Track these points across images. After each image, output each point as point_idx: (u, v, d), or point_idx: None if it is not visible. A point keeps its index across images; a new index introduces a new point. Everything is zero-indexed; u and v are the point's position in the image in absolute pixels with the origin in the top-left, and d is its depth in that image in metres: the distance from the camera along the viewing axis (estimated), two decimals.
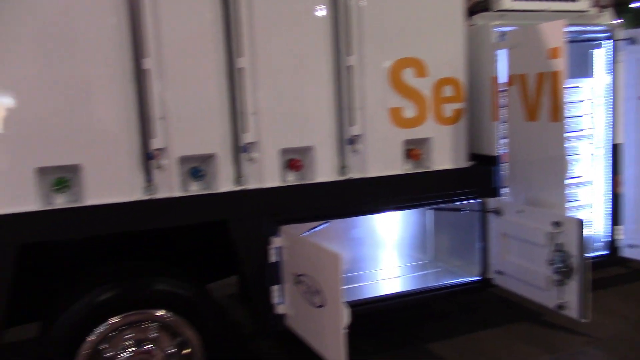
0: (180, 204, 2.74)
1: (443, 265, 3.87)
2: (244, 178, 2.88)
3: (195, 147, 2.76)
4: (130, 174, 2.65)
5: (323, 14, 2.94)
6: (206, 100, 2.75)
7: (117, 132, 2.61)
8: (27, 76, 2.45)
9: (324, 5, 2.94)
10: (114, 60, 2.57)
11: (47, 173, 2.54)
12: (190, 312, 2.82)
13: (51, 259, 2.99)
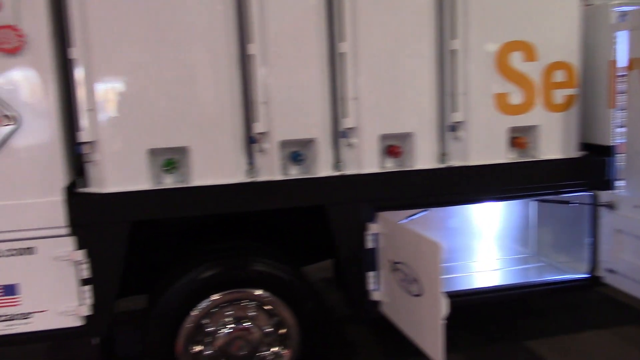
0: (280, 187, 2.79)
1: (546, 260, 3.68)
2: (343, 163, 2.88)
3: (296, 131, 2.79)
4: (233, 157, 2.73)
5: None
6: (308, 85, 2.77)
7: (222, 116, 2.69)
8: (140, 63, 2.58)
9: None
10: (221, 47, 2.64)
11: (157, 154, 2.67)
12: (287, 294, 2.88)
13: (159, 236, 3.16)
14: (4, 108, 2.44)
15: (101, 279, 2.64)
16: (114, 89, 2.55)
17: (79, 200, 2.59)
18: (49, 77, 2.49)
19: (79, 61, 2.50)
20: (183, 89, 2.64)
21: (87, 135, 2.54)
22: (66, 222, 2.56)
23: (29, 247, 2.57)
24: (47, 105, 2.50)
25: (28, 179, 2.53)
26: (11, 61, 2.44)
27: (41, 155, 2.53)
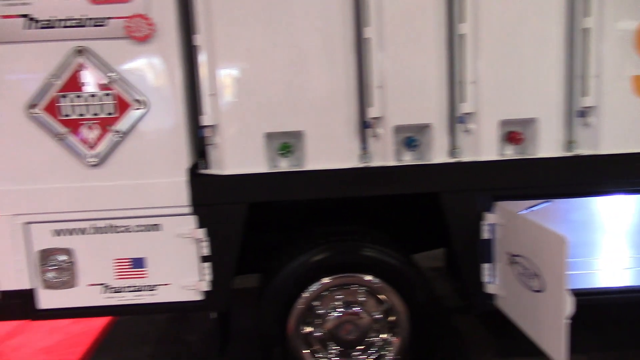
0: (393, 173, 2.74)
1: None
2: (459, 150, 2.77)
3: (411, 116, 2.72)
4: (347, 142, 2.72)
5: None
6: (424, 68, 2.68)
7: (337, 100, 2.68)
8: (258, 49, 2.63)
9: None
10: (336, 31, 2.63)
11: (274, 138, 2.72)
12: (398, 281, 2.84)
13: (272, 218, 3.24)
14: (135, 93, 2.60)
15: (220, 257, 2.76)
16: (234, 74, 2.63)
17: (201, 181, 2.71)
18: (175, 64, 2.61)
19: (203, 48, 2.60)
20: (299, 73, 2.66)
21: (209, 119, 2.65)
22: (189, 202, 2.70)
23: (155, 224, 2.74)
24: (173, 91, 2.64)
25: (155, 160, 2.69)
26: (141, 49, 2.59)
27: (167, 137, 2.68)
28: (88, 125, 2.62)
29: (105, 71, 2.58)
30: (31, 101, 2.59)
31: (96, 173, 2.67)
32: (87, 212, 2.70)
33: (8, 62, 2.58)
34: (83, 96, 2.60)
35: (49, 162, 2.66)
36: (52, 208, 2.69)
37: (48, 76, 2.57)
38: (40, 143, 2.63)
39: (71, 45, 2.55)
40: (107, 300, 2.79)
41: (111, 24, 2.53)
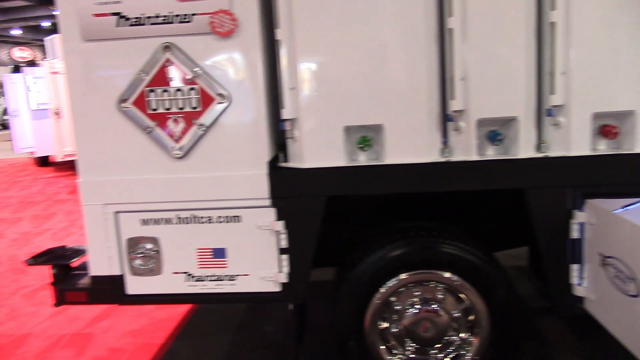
0: (476, 168, 2.65)
1: None
2: (547, 144, 2.64)
3: (496, 109, 2.62)
4: (428, 136, 2.65)
5: None
6: (511, 59, 2.57)
7: (417, 93, 2.62)
8: (338, 42, 2.62)
9: None
10: (419, 22, 2.57)
11: (352, 132, 2.70)
12: (479, 279, 2.76)
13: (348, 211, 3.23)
14: (218, 87, 2.67)
15: (298, 249, 2.78)
16: (314, 68, 2.63)
17: (280, 174, 2.75)
18: (256, 58, 2.65)
19: (284, 42, 2.62)
20: (379, 66, 2.63)
21: (289, 113, 2.67)
22: (268, 194, 2.74)
23: (236, 216, 2.80)
24: (254, 85, 2.68)
25: (236, 153, 2.74)
26: (224, 44, 2.65)
27: (248, 131, 2.72)
28: (174, 118, 2.71)
29: (190, 66, 2.66)
30: (122, 96, 2.71)
31: (181, 165, 2.76)
32: (172, 202, 2.80)
33: (100, 58, 2.72)
34: (169, 91, 2.69)
35: (137, 155, 2.78)
36: (139, 198, 2.81)
37: (138, 72, 2.68)
38: (130, 136, 2.75)
39: (159, 42, 2.65)
40: (190, 289, 2.89)
41: (196, 20, 2.60)
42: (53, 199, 9.29)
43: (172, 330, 3.97)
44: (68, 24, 2.69)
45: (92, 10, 2.64)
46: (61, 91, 9.74)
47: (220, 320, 4.04)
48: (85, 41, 2.69)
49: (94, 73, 2.75)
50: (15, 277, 5.46)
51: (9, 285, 5.23)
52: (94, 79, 2.75)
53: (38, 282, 5.18)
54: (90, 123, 2.78)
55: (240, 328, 3.93)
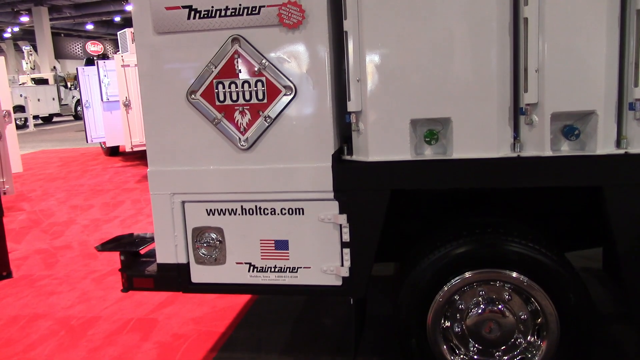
0: (550, 164, 2.53)
1: None
2: (627, 140, 2.49)
3: (572, 103, 2.49)
4: (498, 130, 2.56)
5: None
6: (590, 50, 2.43)
7: (488, 85, 2.53)
8: (406, 33, 2.56)
9: None
10: (491, 11, 2.48)
11: (418, 125, 2.64)
12: (548, 281, 2.64)
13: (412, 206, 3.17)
14: (284, 79, 2.67)
15: (360, 243, 2.75)
16: (381, 60, 2.58)
17: (345, 167, 2.72)
18: (323, 50, 2.63)
19: (351, 33, 2.58)
20: (447, 58, 2.55)
21: (355, 105, 2.64)
22: (332, 187, 2.72)
23: (299, 208, 2.80)
24: (321, 77, 2.66)
25: (301, 145, 2.74)
26: (291, 36, 2.65)
27: (314, 123, 2.71)
28: (240, 110, 2.73)
29: (257, 58, 2.67)
30: (191, 88, 2.76)
31: (246, 156, 2.79)
32: (237, 193, 2.84)
33: (171, 51, 2.78)
34: (237, 83, 2.72)
35: (205, 145, 2.82)
36: (206, 189, 2.86)
37: (207, 64, 2.72)
38: (198, 127, 2.80)
39: (227, 34, 2.68)
40: (252, 279, 2.92)
41: (264, 12, 2.61)
42: (121, 187, 9.67)
43: (232, 320, 4.04)
44: (141, 17, 2.77)
45: (164, 4, 2.69)
46: (131, 84, 10.10)
47: (279, 311, 4.08)
48: (157, 34, 2.76)
49: (164, 65, 2.81)
50: (85, 262, 5.72)
51: (80, 270, 5.47)
52: (164, 71, 2.81)
53: (106, 268, 5.40)
54: (159, 114, 2.85)
55: (299, 320, 3.95)
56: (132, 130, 10.39)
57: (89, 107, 12.56)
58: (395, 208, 2.79)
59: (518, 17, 2.47)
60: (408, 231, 3.21)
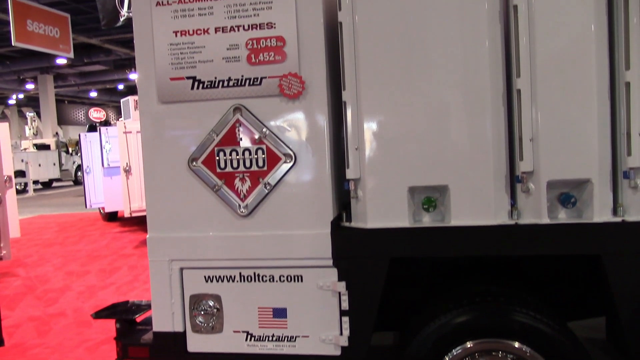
0: (547, 232, 2.54)
1: None
2: (624, 208, 2.52)
3: (567, 171, 2.53)
4: (496, 197, 2.59)
5: None
6: (582, 119, 2.50)
7: (484, 153, 2.58)
8: (402, 103, 2.64)
9: None
10: (485, 83, 2.56)
11: (417, 192, 2.67)
12: (552, 351, 2.58)
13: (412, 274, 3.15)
14: (284, 147, 2.72)
15: (359, 311, 2.71)
16: (379, 128, 2.65)
17: (343, 234, 2.73)
18: (323, 119, 2.71)
19: (349, 103, 2.66)
20: (444, 126, 2.62)
21: (353, 173, 2.68)
22: (331, 254, 2.72)
23: (298, 275, 2.78)
24: (320, 145, 2.72)
25: (300, 212, 2.76)
26: (291, 105, 2.73)
27: (313, 190, 2.74)
28: (241, 177, 2.77)
29: (258, 127, 2.74)
30: (192, 155, 2.81)
31: (246, 223, 2.80)
32: (235, 260, 2.83)
33: (174, 119, 2.85)
34: (238, 150, 2.77)
35: (204, 212, 2.84)
36: (204, 255, 2.86)
37: (209, 132, 2.78)
38: (198, 194, 2.83)
39: (229, 104, 2.76)
40: (250, 348, 2.86)
41: (265, 83, 2.70)
42: (119, 253, 9.59)
43: None
44: (146, 87, 2.86)
45: (169, 75, 2.79)
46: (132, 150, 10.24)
47: None
48: (161, 103, 2.84)
49: (167, 133, 2.87)
50: (79, 330, 5.59)
51: (73, 338, 5.34)
52: (167, 139, 2.87)
53: (100, 336, 5.28)
54: (160, 181, 2.89)
55: None
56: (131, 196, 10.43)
57: (89, 173, 12.66)
58: (394, 275, 2.77)
59: (511, 88, 2.56)
60: (408, 299, 3.17)
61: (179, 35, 2.78)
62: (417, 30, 2.60)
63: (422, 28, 2.59)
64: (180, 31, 2.78)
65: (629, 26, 2.44)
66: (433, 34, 2.59)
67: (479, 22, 2.55)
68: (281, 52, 2.68)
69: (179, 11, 2.77)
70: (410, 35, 2.60)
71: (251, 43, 2.70)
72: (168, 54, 2.79)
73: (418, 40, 2.60)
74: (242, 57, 2.72)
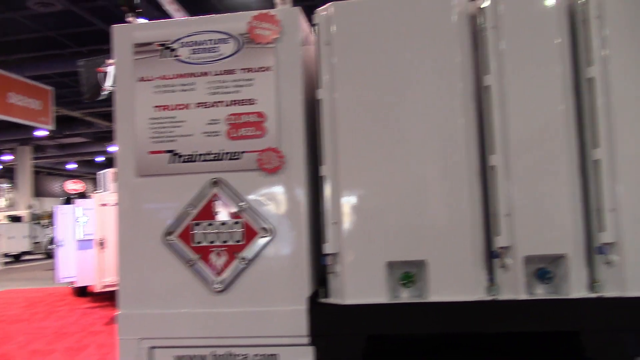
0: (525, 308, 2.52)
1: None
2: (600, 284, 2.53)
3: (543, 246, 2.55)
4: (473, 273, 2.58)
5: None
6: (556, 195, 2.55)
7: (461, 229, 2.60)
8: (380, 179, 2.66)
9: None
10: (460, 159, 2.62)
11: (395, 267, 2.65)
12: None
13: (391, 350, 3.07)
14: (262, 221, 2.71)
15: None
16: (357, 203, 2.66)
17: (320, 310, 2.67)
18: (301, 194, 2.71)
19: (328, 178, 2.69)
20: (421, 202, 2.64)
21: (331, 247, 2.66)
22: (307, 332, 2.64)
23: (273, 354, 2.68)
24: (297, 219, 2.71)
25: (276, 288, 2.70)
26: (270, 179, 2.74)
27: (290, 265, 2.70)
28: (217, 252, 2.73)
29: (236, 201, 2.73)
30: (168, 229, 2.77)
31: (220, 299, 2.73)
32: (209, 338, 2.73)
33: (152, 192, 2.83)
34: (214, 224, 2.74)
35: (178, 287, 2.76)
36: (176, 333, 2.75)
37: (185, 205, 2.76)
38: (172, 269, 2.76)
39: (208, 177, 2.76)
40: None
41: (244, 157, 2.72)
42: (88, 330, 9.20)
43: None
44: (124, 160, 2.85)
45: (148, 148, 2.80)
46: (108, 223, 10.08)
47: None
48: (139, 176, 2.82)
49: (143, 206, 2.84)
50: None
51: None
52: (143, 212, 2.84)
53: None
54: (134, 254, 2.82)
55: None
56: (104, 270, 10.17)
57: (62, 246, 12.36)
58: (373, 352, 2.69)
59: (486, 165, 2.61)
60: None
61: (160, 109, 2.81)
62: (395, 108, 2.67)
63: (400, 106, 2.67)
64: (161, 106, 2.82)
65: (595, 107, 2.55)
66: (411, 111, 2.66)
67: (454, 101, 2.64)
68: (261, 127, 2.73)
69: (161, 87, 2.82)
70: (388, 113, 2.67)
71: (232, 118, 2.75)
72: (148, 128, 2.81)
73: (396, 117, 2.67)
74: (222, 131, 2.75)
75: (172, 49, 2.82)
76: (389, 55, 2.70)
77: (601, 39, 2.57)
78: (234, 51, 2.78)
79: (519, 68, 2.61)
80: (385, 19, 2.72)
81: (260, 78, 2.75)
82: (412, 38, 2.70)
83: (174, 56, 2.82)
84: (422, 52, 2.68)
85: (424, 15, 2.71)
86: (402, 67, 2.69)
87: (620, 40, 2.57)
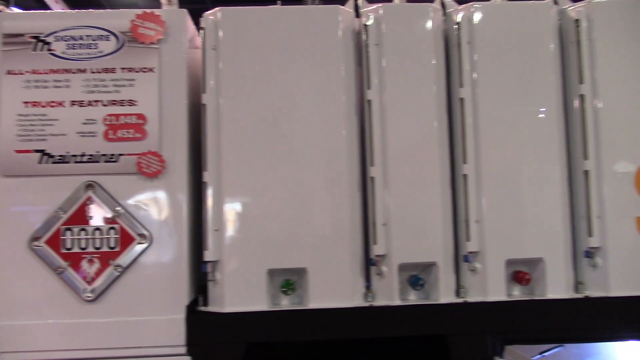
0: (399, 313, 2.65)
1: None
2: (465, 290, 2.71)
3: (415, 254, 2.69)
4: (352, 280, 2.66)
5: (555, 117, 2.78)
6: (428, 207, 2.70)
7: (341, 237, 2.67)
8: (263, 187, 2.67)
9: (557, 108, 2.78)
10: (342, 169, 2.69)
11: (276, 275, 2.67)
12: None
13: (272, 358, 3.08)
14: (139, 227, 2.61)
15: None
16: (239, 210, 2.65)
17: (198, 318, 2.62)
18: (182, 199, 2.65)
19: (210, 184, 2.65)
20: (303, 210, 2.68)
21: (212, 255, 2.62)
22: (185, 341, 2.58)
23: None
24: (178, 226, 2.64)
25: (153, 296, 2.61)
26: (149, 184, 2.64)
27: (168, 273, 2.62)
28: (89, 259, 2.58)
29: (112, 205, 2.61)
30: (34, 234, 2.58)
31: (92, 309, 2.58)
32: (79, 350, 2.57)
33: (17, 195, 2.62)
34: (87, 230, 2.60)
35: (44, 297, 2.58)
36: (43, 346, 2.56)
37: (55, 209, 2.59)
38: (39, 277, 2.57)
39: (81, 179, 2.61)
40: None
41: (122, 160, 2.61)
42: None
43: None
44: None
45: (14, 147, 2.59)
46: None
47: None
48: (3, 176, 2.61)
49: (9, 209, 2.63)
50: None
51: None
52: (8, 215, 2.62)
53: None
54: None
55: None
56: None
57: None
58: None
59: (366, 176, 2.71)
60: None
61: (30, 106, 2.62)
62: (280, 117, 2.70)
63: (285, 115, 2.70)
64: (31, 102, 2.63)
65: (464, 125, 2.74)
66: (295, 121, 2.70)
67: (337, 113, 2.71)
68: (141, 130, 2.63)
69: (31, 81, 2.64)
70: (273, 121, 2.69)
71: (110, 119, 2.62)
72: (15, 125, 2.61)
73: (280, 126, 2.69)
74: (98, 132, 2.62)
75: (45, 42, 2.65)
76: (275, 65, 2.72)
77: (471, 63, 2.77)
78: (114, 49, 2.66)
79: (398, 85, 2.74)
80: (273, 28, 2.75)
81: (142, 79, 2.66)
82: (299, 49, 2.74)
83: (47, 50, 2.65)
84: (308, 64, 2.74)
85: (312, 28, 2.76)
86: (287, 77, 2.72)
87: (488, 65, 2.79)
